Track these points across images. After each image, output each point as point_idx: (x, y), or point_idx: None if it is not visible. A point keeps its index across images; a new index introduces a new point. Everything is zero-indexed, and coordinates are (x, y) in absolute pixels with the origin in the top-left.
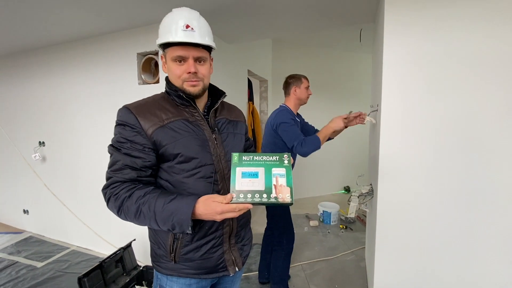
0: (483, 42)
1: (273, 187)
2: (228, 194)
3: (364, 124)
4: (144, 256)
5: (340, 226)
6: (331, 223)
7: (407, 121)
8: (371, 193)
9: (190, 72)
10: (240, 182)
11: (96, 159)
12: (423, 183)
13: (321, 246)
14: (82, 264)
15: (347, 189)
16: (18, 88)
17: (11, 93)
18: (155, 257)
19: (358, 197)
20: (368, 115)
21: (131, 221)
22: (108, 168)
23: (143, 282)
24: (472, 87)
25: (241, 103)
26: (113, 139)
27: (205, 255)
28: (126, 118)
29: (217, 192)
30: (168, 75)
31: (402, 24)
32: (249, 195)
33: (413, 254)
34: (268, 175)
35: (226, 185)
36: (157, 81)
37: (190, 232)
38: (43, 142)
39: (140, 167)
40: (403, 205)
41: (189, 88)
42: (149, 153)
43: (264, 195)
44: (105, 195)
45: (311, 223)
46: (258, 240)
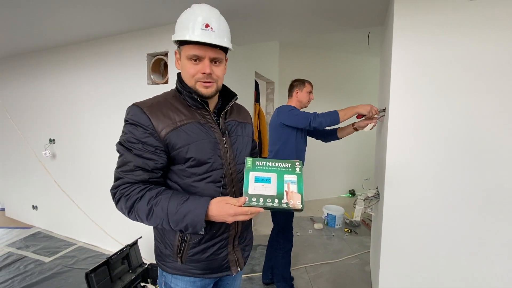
0: (493, 47)
1: (285, 193)
2: (241, 197)
3: (363, 130)
4: (150, 254)
5: (345, 230)
6: (336, 226)
7: (415, 125)
8: (377, 197)
9: (205, 73)
10: (253, 186)
11: (105, 157)
12: (430, 188)
13: (325, 249)
14: (89, 260)
15: (352, 193)
16: (30, 86)
17: (24, 91)
18: (161, 256)
19: (364, 201)
20: (379, 119)
21: (141, 221)
22: (118, 168)
23: (148, 280)
24: (481, 92)
25: (248, 105)
26: (123, 138)
27: (211, 257)
28: (139, 118)
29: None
30: (181, 73)
31: (411, 28)
32: (261, 199)
33: (420, 259)
34: (280, 181)
35: (234, 189)
36: (166, 82)
37: (203, 233)
38: (53, 140)
39: (152, 169)
40: (410, 210)
41: (202, 89)
42: (161, 155)
43: (276, 200)
44: (115, 195)
45: (316, 226)
46: (263, 242)
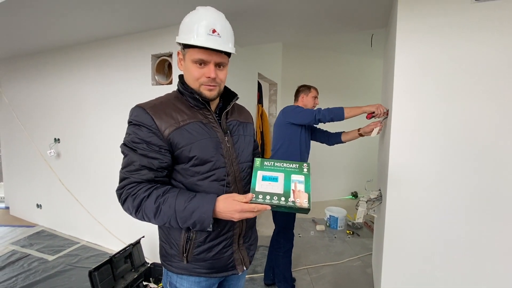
0: (496, 50)
1: (292, 192)
2: (249, 194)
3: (370, 136)
4: (152, 253)
5: (347, 232)
6: (338, 228)
7: (418, 127)
8: (380, 199)
9: (210, 77)
10: (260, 184)
11: (109, 157)
12: (433, 190)
13: (327, 251)
14: (92, 259)
15: (355, 195)
16: (36, 86)
17: (30, 91)
18: (166, 256)
19: (367, 202)
20: (381, 122)
21: (148, 221)
22: (123, 168)
23: (150, 279)
24: (484, 95)
25: (251, 106)
26: (127, 139)
27: (217, 255)
28: (142, 119)
29: None
30: (184, 75)
31: (415, 31)
32: (268, 197)
33: (422, 262)
34: (287, 181)
35: (238, 188)
36: (170, 82)
37: (211, 229)
38: (58, 139)
39: (157, 168)
40: (412, 212)
41: (206, 92)
42: (166, 154)
43: (282, 198)
44: (121, 195)
45: (318, 228)
46: (265, 243)
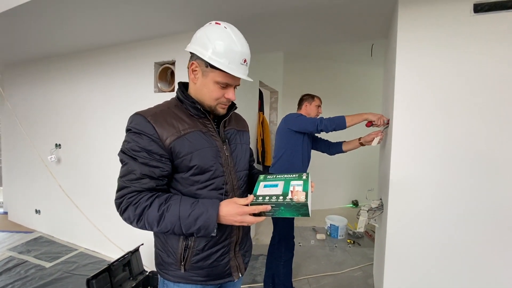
0: (496, 62)
1: (290, 192)
2: (250, 196)
3: (370, 145)
4: (151, 261)
5: (348, 241)
6: (339, 237)
7: (419, 138)
8: (381, 208)
9: (229, 99)
10: (262, 190)
11: (109, 164)
12: (435, 199)
13: (328, 261)
14: (89, 266)
15: (355, 203)
16: (39, 92)
17: (33, 96)
18: (163, 265)
19: (368, 212)
20: (382, 131)
21: (150, 229)
22: (123, 177)
23: (149, 287)
24: (485, 106)
25: (252, 113)
26: (126, 147)
27: (214, 263)
28: (143, 127)
29: None
30: (201, 89)
31: (415, 42)
32: (267, 197)
33: (425, 272)
34: (287, 185)
35: (235, 196)
36: (172, 90)
37: (215, 234)
38: (59, 145)
39: (158, 177)
40: (414, 222)
41: (220, 110)
42: (166, 163)
43: (281, 197)
44: (120, 205)
45: (318, 236)
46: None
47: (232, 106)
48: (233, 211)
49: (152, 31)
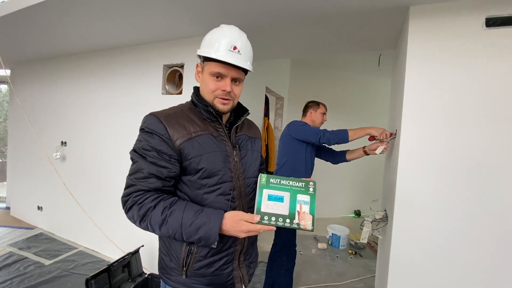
0: (505, 76)
1: (297, 213)
2: (256, 216)
3: (383, 152)
4: (150, 264)
5: (349, 251)
6: (340, 247)
7: (426, 151)
8: (385, 219)
9: (225, 90)
10: (266, 204)
11: (114, 164)
12: (441, 212)
13: (329, 271)
14: (88, 266)
15: (358, 213)
16: (47, 90)
17: (41, 94)
18: (165, 269)
19: (372, 223)
20: (389, 141)
21: (152, 231)
22: (131, 175)
23: None
24: (494, 119)
25: (258, 118)
26: (138, 145)
27: (217, 272)
28: (155, 127)
29: (233, 209)
30: (201, 87)
31: (425, 55)
32: (273, 218)
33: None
34: (293, 201)
35: (242, 203)
36: (180, 92)
37: (215, 246)
38: (65, 142)
39: (165, 177)
40: (420, 234)
41: (219, 105)
42: (175, 164)
43: (287, 220)
44: (126, 203)
45: (319, 246)
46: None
47: (244, 112)
48: (238, 228)
49: (162, 34)
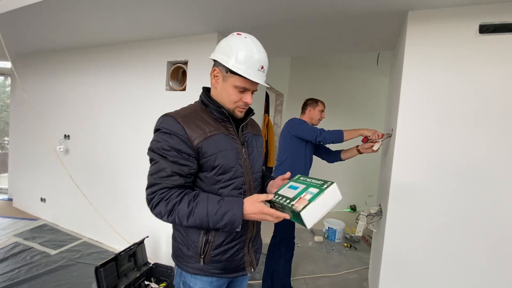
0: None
1: (298, 198)
2: (270, 194)
3: (376, 152)
4: (154, 254)
5: (345, 244)
6: (336, 240)
7: (421, 147)
8: (380, 214)
9: (247, 102)
10: (284, 190)
11: (117, 156)
12: (434, 208)
13: (325, 262)
14: (94, 256)
15: (353, 208)
16: (52, 83)
17: (46, 87)
18: (182, 257)
19: (367, 217)
20: (382, 140)
21: (179, 223)
22: (153, 174)
23: (152, 279)
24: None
25: (258, 115)
26: (156, 146)
27: (231, 257)
28: (173, 128)
29: None
30: (220, 93)
31: (422, 58)
32: (280, 198)
33: (421, 280)
34: (303, 191)
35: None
36: (184, 89)
37: (239, 230)
38: (68, 135)
39: (186, 174)
40: (412, 229)
41: (238, 113)
42: (194, 162)
43: (288, 200)
44: (152, 200)
45: (316, 239)
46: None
47: (250, 112)
48: (256, 210)
49: (167, 31)
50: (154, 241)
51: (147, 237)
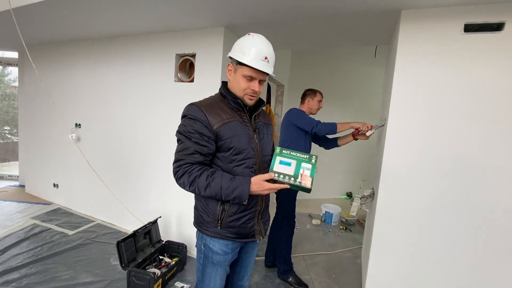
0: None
1: (300, 175)
2: (271, 173)
3: (368, 139)
4: (165, 232)
5: (340, 227)
6: (332, 224)
7: (410, 136)
8: (372, 196)
9: (254, 90)
10: (277, 167)
11: (127, 144)
12: (421, 191)
13: (322, 243)
14: (108, 236)
15: (349, 195)
16: (66, 73)
17: (60, 77)
18: (203, 223)
19: (360, 198)
20: (375, 129)
21: (198, 193)
22: (179, 152)
23: (165, 254)
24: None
25: None
26: (183, 129)
27: (243, 224)
28: (197, 114)
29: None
30: (232, 84)
31: (413, 53)
32: (282, 176)
33: (406, 255)
34: (298, 167)
35: (261, 173)
36: (192, 80)
37: (245, 203)
38: (79, 124)
39: (205, 154)
40: (401, 209)
41: (247, 101)
42: (212, 143)
43: (292, 178)
44: (177, 172)
45: (314, 222)
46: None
47: (262, 103)
48: (262, 188)
49: (176, 25)
50: (166, 222)
51: (160, 217)
